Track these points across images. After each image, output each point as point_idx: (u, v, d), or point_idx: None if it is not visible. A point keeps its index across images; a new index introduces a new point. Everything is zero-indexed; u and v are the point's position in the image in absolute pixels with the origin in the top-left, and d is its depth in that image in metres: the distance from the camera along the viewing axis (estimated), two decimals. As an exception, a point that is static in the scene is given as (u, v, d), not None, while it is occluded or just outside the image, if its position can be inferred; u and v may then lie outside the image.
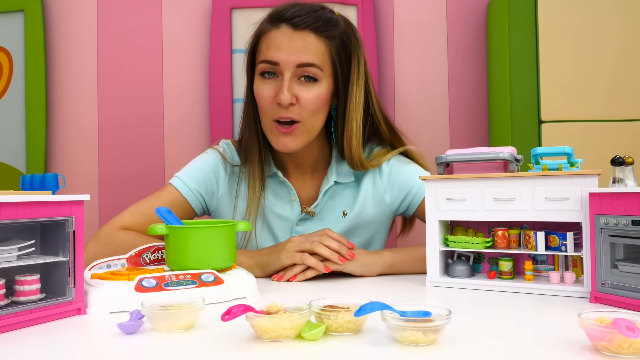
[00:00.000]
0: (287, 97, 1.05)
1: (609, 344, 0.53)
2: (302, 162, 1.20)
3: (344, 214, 1.19)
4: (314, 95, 1.08)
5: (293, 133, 1.09)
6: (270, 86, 1.09)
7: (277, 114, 1.08)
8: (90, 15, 1.92)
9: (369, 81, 1.16)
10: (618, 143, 1.49)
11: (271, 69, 1.08)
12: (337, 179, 1.18)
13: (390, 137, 1.22)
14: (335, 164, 1.20)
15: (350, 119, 1.12)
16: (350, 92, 1.12)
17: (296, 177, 1.21)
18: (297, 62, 1.06)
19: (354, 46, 1.13)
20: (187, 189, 1.17)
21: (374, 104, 1.17)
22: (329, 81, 1.11)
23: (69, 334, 0.65)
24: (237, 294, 0.83)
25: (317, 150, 1.20)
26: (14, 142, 1.88)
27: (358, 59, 1.13)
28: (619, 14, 1.50)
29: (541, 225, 0.90)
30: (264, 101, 1.09)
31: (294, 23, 1.07)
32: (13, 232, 0.71)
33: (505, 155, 0.89)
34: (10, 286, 0.69)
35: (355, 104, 1.12)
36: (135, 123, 1.91)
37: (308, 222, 1.19)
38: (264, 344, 0.59)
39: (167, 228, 0.85)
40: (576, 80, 1.51)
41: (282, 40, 1.07)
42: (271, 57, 1.07)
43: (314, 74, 1.07)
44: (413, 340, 0.57)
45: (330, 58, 1.10)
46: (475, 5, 1.84)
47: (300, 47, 1.06)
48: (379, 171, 1.19)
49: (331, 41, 1.09)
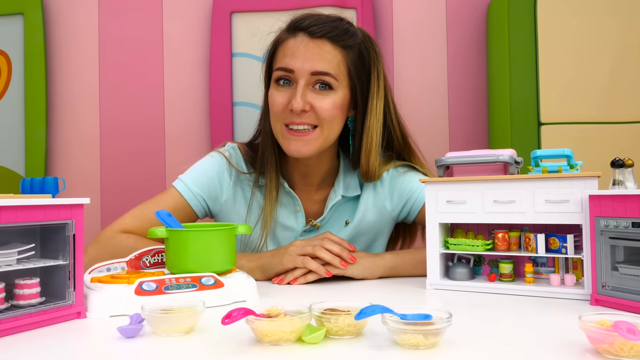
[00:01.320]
0: (299, 104, 1.05)
1: (610, 347, 0.53)
2: (311, 173, 1.19)
3: (346, 223, 1.19)
4: (329, 103, 1.07)
5: (309, 137, 1.08)
6: (285, 93, 1.08)
7: (289, 119, 1.08)
8: (91, 19, 1.92)
9: (389, 95, 1.16)
10: (617, 145, 1.49)
11: (286, 76, 1.08)
12: (344, 193, 1.17)
13: (405, 152, 1.21)
14: (343, 177, 1.19)
15: (370, 132, 1.12)
16: (370, 105, 1.12)
17: (301, 188, 1.20)
18: (311, 69, 1.05)
19: (373, 59, 1.12)
20: (190, 194, 1.16)
21: (392, 118, 1.16)
22: (345, 91, 1.10)
23: (69, 338, 0.65)
24: (237, 297, 0.83)
25: (327, 162, 1.19)
26: (13, 145, 1.88)
27: (378, 71, 1.13)
28: (617, 17, 1.51)
29: (541, 228, 0.90)
30: (277, 107, 1.09)
31: (311, 31, 1.07)
32: (13, 236, 0.71)
33: (505, 157, 0.89)
34: (10, 290, 0.68)
35: (376, 117, 1.12)
36: (136, 126, 1.91)
37: (312, 234, 1.18)
38: (265, 347, 0.59)
39: (167, 231, 0.85)
40: (575, 82, 1.51)
41: (298, 48, 1.07)
42: (286, 64, 1.07)
43: (328, 82, 1.07)
44: (414, 343, 0.57)
45: (347, 68, 1.09)
46: (475, 8, 1.84)
47: (316, 55, 1.06)
48: (380, 179, 1.19)
49: (348, 51, 1.09)
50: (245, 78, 1.86)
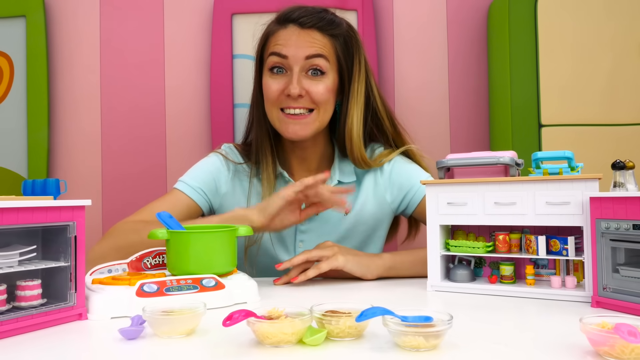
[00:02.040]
0: (296, 89, 1.11)
1: (611, 349, 0.53)
2: (308, 156, 1.23)
3: (346, 212, 1.20)
4: (323, 87, 1.13)
5: (306, 120, 1.13)
6: (280, 81, 1.14)
7: (285, 104, 1.13)
8: (92, 21, 1.92)
9: (370, 77, 1.21)
10: (618, 147, 1.49)
11: (280, 63, 1.13)
12: (340, 178, 1.21)
13: (394, 134, 1.25)
14: (338, 162, 1.23)
15: (351, 114, 1.17)
16: (352, 88, 1.18)
17: (300, 175, 1.23)
18: (305, 54, 1.11)
19: (355, 46, 1.19)
20: (191, 189, 1.19)
21: (375, 99, 1.21)
22: (334, 75, 1.16)
23: (70, 340, 0.65)
24: (238, 299, 0.83)
25: (322, 145, 1.23)
26: (16, 147, 1.89)
27: (359, 56, 1.19)
28: (617, 19, 1.51)
29: (542, 230, 0.90)
30: (273, 94, 1.14)
31: (301, 22, 1.13)
32: (14, 238, 0.71)
33: (506, 159, 0.89)
34: (11, 291, 0.69)
35: (356, 99, 1.17)
36: (138, 127, 1.91)
37: (312, 221, 1.20)
38: (266, 349, 0.59)
39: (168, 233, 0.85)
40: (576, 84, 1.51)
41: (290, 37, 1.13)
42: (280, 50, 1.12)
43: (321, 66, 1.13)
44: (414, 345, 0.57)
45: (335, 55, 1.16)
46: (475, 9, 1.85)
47: (308, 42, 1.12)
48: (381, 170, 1.22)
49: (335, 39, 1.16)
50: (246, 79, 1.85)
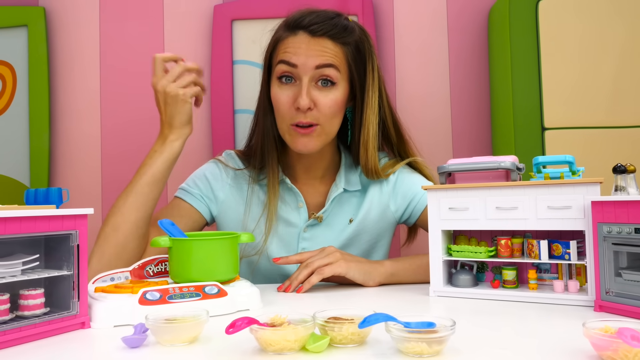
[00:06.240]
0: (306, 102, 1.06)
1: (614, 354, 0.53)
2: (313, 166, 1.21)
3: (350, 220, 1.20)
4: (331, 100, 1.09)
5: (312, 134, 1.10)
6: (289, 91, 1.10)
7: (296, 119, 1.09)
8: (92, 29, 1.93)
9: (382, 85, 1.18)
10: (622, 150, 1.49)
11: (289, 72, 1.09)
12: (345, 187, 1.19)
13: (398, 144, 1.23)
14: (345, 171, 1.21)
15: (367, 124, 1.14)
16: (367, 97, 1.14)
17: (304, 182, 1.22)
18: (315, 63, 1.07)
19: (368, 52, 1.15)
20: (190, 196, 1.19)
21: (384, 108, 1.18)
22: (345, 85, 1.12)
23: (73, 348, 0.65)
24: (241, 306, 0.83)
25: (329, 155, 1.21)
26: (18, 155, 1.89)
27: (372, 63, 1.15)
28: (620, 21, 1.51)
29: (544, 234, 0.90)
30: (283, 106, 1.10)
31: (311, 30, 1.08)
32: (17, 247, 0.71)
33: (507, 164, 0.89)
34: (14, 300, 0.69)
35: (372, 109, 1.14)
36: (138, 135, 1.91)
37: (315, 228, 1.19)
38: (269, 356, 0.59)
39: (171, 240, 0.86)
40: (579, 87, 1.51)
41: (300, 45, 1.08)
42: (289, 58, 1.08)
43: (332, 76, 1.09)
44: (417, 351, 0.57)
45: (347, 63, 1.12)
46: (476, 13, 1.85)
47: (318, 52, 1.08)
48: (386, 180, 1.21)
49: (347, 47, 1.11)
50: (246, 85, 1.86)
